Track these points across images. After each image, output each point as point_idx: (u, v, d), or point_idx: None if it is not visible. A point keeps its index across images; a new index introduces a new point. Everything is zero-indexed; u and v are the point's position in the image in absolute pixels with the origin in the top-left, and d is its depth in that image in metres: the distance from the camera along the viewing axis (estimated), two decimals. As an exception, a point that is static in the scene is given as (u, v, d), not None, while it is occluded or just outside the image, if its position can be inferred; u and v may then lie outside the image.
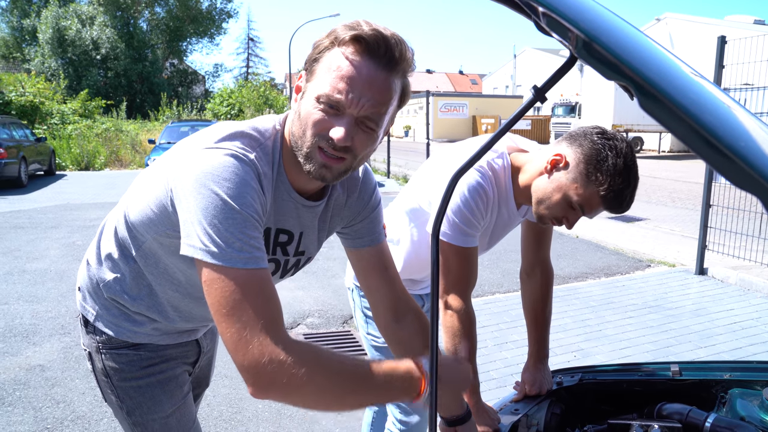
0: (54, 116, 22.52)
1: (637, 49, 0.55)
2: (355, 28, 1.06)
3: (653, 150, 29.53)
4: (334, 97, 1.06)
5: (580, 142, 1.52)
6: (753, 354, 4.13)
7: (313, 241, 1.39)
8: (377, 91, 1.07)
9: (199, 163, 1.06)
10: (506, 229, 1.90)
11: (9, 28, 47.63)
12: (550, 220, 1.63)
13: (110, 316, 1.42)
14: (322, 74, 1.08)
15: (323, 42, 1.09)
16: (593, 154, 1.48)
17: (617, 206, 1.52)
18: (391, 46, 1.06)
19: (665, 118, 0.51)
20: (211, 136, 1.13)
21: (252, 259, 1.03)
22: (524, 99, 1.69)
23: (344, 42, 1.06)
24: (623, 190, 1.49)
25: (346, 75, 1.05)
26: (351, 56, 1.06)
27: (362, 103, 1.06)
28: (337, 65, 1.06)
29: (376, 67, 1.06)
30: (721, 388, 1.59)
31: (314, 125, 1.09)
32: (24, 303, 5.29)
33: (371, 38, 1.05)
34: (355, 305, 2.12)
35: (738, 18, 26.50)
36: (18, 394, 3.61)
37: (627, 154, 1.48)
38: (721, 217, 6.26)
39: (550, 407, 1.64)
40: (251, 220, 1.04)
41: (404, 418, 2.03)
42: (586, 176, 1.49)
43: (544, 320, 1.97)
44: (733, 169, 0.48)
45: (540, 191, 1.60)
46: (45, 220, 9.32)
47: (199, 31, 51.79)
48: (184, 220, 1.06)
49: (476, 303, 5.28)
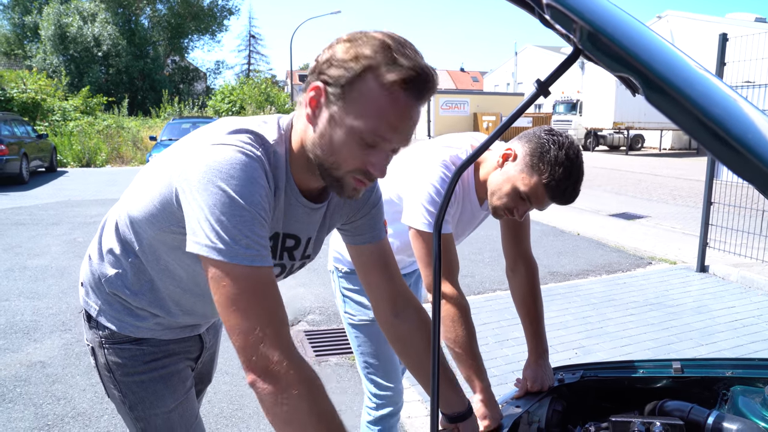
0: (55, 113, 22.51)
1: (642, 40, 0.55)
2: (400, 65, 1.01)
3: (654, 147, 29.51)
4: (380, 141, 1.06)
5: (529, 138, 1.67)
6: (754, 351, 4.13)
7: (317, 243, 1.40)
8: (414, 125, 1.08)
9: (206, 158, 1.05)
10: (471, 224, 1.99)
11: (11, 24, 47.54)
12: (503, 212, 1.75)
13: (113, 311, 1.42)
14: (363, 110, 1.03)
15: (351, 65, 1.03)
16: (538, 147, 1.62)
17: (560, 195, 1.63)
18: (434, 85, 1.05)
19: (672, 111, 0.51)
20: (217, 131, 1.12)
21: (259, 257, 1.02)
22: (526, 94, 1.71)
23: (391, 81, 1.02)
24: (564, 180, 1.60)
25: (395, 121, 1.04)
26: (400, 99, 1.03)
27: (402, 140, 1.08)
28: (385, 107, 1.03)
29: (418, 104, 1.06)
30: (723, 386, 1.58)
31: (353, 160, 1.08)
32: (25, 299, 5.30)
33: (418, 78, 1.02)
34: (335, 286, 2.21)
35: (739, 16, 26.42)
36: (18, 391, 3.61)
37: (569, 148, 1.61)
38: (723, 215, 6.25)
39: (551, 404, 1.64)
40: (259, 218, 1.04)
41: (379, 392, 2.14)
42: (531, 166, 1.63)
43: (536, 313, 1.98)
44: (742, 162, 0.47)
45: (493, 184, 1.74)
46: (46, 217, 9.32)
47: (201, 28, 51.66)
48: (190, 217, 1.05)
49: (477, 300, 5.28)
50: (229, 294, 1.00)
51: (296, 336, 4.57)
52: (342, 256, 2.13)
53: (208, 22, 51.67)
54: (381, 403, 2.14)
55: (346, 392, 3.66)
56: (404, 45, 1.04)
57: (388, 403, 2.14)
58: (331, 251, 2.19)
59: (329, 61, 1.06)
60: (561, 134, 1.65)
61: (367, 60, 1.02)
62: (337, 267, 2.16)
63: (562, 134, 1.65)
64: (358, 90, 1.03)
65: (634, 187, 14.11)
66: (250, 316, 1.00)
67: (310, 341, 4.45)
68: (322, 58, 1.08)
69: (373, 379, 2.14)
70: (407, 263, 2.23)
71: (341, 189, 1.14)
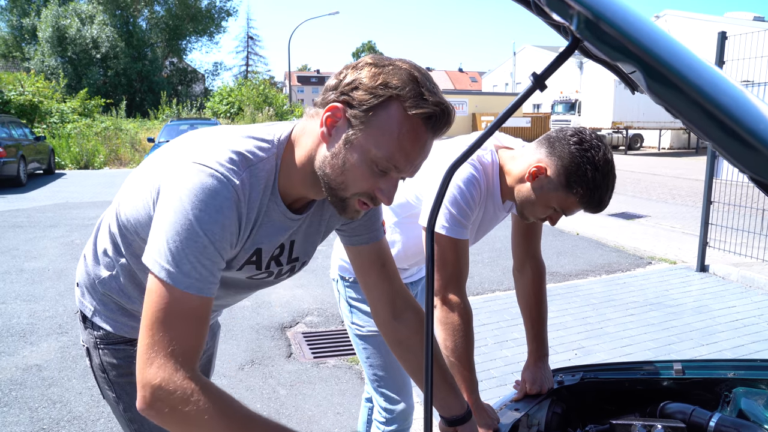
0: (53, 115, 22.45)
1: (643, 27, 0.52)
2: (426, 99, 1.04)
3: (653, 147, 29.52)
4: (392, 169, 1.08)
5: (560, 152, 1.58)
6: (755, 351, 4.11)
7: (306, 246, 1.38)
8: (426, 156, 1.11)
9: (183, 177, 1.06)
10: (492, 224, 1.94)
11: (8, 26, 47.50)
12: (535, 219, 1.74)
13: (107, 311, 1.43)
14: (383, 137, 1.05)
15: (380, 92, 1.04)
16: (572, 169, 1.56)
17: (596, 209, 1.61)
18: (451, 122, 1.08)
19: (676, 100, 0.48)
20: (203, 148, 1.10)
21: (193, 286, 1.03)
22: (522, 88, 1.68)
23: (415, 114, 1.04)
24: (602, 197, 1.58)
25: (411, 152, 1.06)
26: (420, 132, 1.06)
27: (412, 171, 1.10)
28: (404, 138, 1.05)
29: (434, 139, 1.10)
30: (725, 387, 1.56)
31: (363, 184, 1.10)
32: (21, 302, 5.27)
33: (440, 115, 1.05)
34: (339, 296, 2.14)
35: (738, 15, 26.45)
36: (14, 395, 3.58)
37: (604, 165, 1.55)
38: (722, 214, 6.24)
39: (551, 407, 1.62)
40: (210, 249, 1.04)
41: (389, 406, 2.04)
42: (567, 188, 1.58)
43: (540, 316, 1.95)
44: (752, 155, 0.44)
45: (523, 197, 1.69)
46: (43, 219, 9.29)
47: (199, 30, 51.64)
48: (153, 227, 1.07)
49: (476, 301, 5.25)
50: (152, 308, 1.03)
51: (294, 338, 4.54)
52: (348, 265, 2.03)
53: (206, 23, 51.68)
54: (391, 418, 2.04)
55: (344, 394, 3.63)
56: (429, 80, 1.07)
57: (398, 418, 2.05)
58: (336, 260, 2.12)
59: (354, 84, 1.05)
60: (593, 145, 1.56)
61: (396, 90, 1.03)
62: (343, 276, 2.09)
63: (593, 144, 1.56)
64: (382, 117, 1.04)
65: (634, 186, 14.09)
66: (156, 335, 1.01)
67: (308, 343, 4.43)
68: (347, 80, 1.07)
69: (384, 392, 2.05)
70: (413, 272, 2.19)
71: (344, 209, 1.15)
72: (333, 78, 1.11)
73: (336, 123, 1.08)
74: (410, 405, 2.07)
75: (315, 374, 3.92)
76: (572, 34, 0.59)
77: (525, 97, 0.68)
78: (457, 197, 1.66)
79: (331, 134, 1.09)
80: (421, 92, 1.03)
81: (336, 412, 3.41)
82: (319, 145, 1.12)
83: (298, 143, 1.16)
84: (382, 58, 1.08)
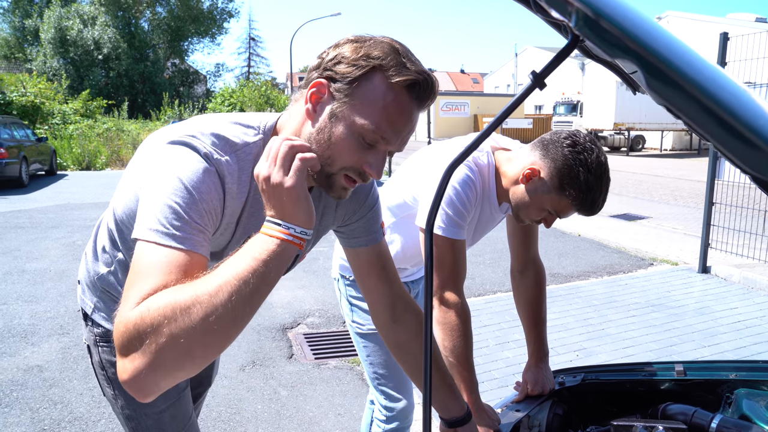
0: (55, 116, 22.50)
1: (643, 24, 0.51)
2: (408, 68, 1.04)
3: (655, 148, 29.47)
4: (379, 140, 1.06)
5: (553, 155, 1.59)
6: (757, 353, 4.10)
7: None
8: (412, 131, 1.10)
9: (163, 156, 1.03)
10: (489, 226, 1.95)
11: (11, 28, 47.62)
12: (530, 221, 1.75)
13: (107, 308, 1.44)
14: (368, 107, 1.04)
15: (361, 63, 1.03)
16: (565, 171, 1.56)
17: (589, 212, 1.62)
18: (435, 92, 1.08)
19: (677, 98, 0.47)
20: (184, 130, 1.08)
21: (188, 240, 0.95)
22: (522, 87, 1.68)
23: (398, 83, 1.04)
24: (595, 199, 1.58)
25: (397, 122, 1.06)
26: (404, 100, 1.05)
27: (400, 143, 1.09)
28: (389, 107, 1.04)
29: (419, 109, 1.09)
30: (727, 389, 1.56)
31: (350, 158, 1.08)
32: (23, 303, 5.27)
33: (423, 84, 1.05)
34: (340, 294, 2.15)
35: (740, 16, 26.40)
36: (15, 395, 3.58)
37: (597, 167, 1.55)
38: (724, 215, 6.22)
39: (552, 408, 1.61)
40: (199, 206, 0.98)
41: (390, 404, 2.05)
42: (560, 189, 1.59)
43: (541, 318, 1.96)
44: (753, 153, 0.43)
45: (518, 199, 1.70)
46: (45, 220, 9.30)
47: (201, 31, 51.75)
48: (138, 208, 1.01)
49: (477, 302, 5.25)
50: (137, 265, 0.93)
51: (296, 339, 4.54)
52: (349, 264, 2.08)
53: (207, 24, 51.79)
54: (391, 416, 2.04)
55: (345, 395, 3.62)
56: (410, 52, 1.08)
57: (398, 416, 2.05)
58: (337, 259, 2.12)
59: (337, 59, 1.06)
60: (585, 148, 1.56)
61: (377, 60, 1.03)
62: (344, 275, 2.09)
63: (586, 147, 1.57)
64: (365, 88, 1.04)
65: (635, 187, 14.08)
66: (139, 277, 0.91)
67: (310, 344, 4.42)
68: (329, 56, 1.07)
69: (384, 390, 2.05)
70: (412, 271, 2.19)
71: (330, 187, 1.12)
72: (316, 59, 1.11)
73: (321, 99, 1.07)
74: (411, 403, 2.07)
75: (316, 375, 3.91)
76: (571, 32, 0.59)
77: (524, 95, 0.68)
78: (452, 198, 1.67)
79: (316, 110, 1.08)
80: (403, 62, 1.04)
81: (337, 414, 3.41)
82: (304, 123, 1.10)
83: (285, 128, 1.15)
84: (362, 35, 1.09)
